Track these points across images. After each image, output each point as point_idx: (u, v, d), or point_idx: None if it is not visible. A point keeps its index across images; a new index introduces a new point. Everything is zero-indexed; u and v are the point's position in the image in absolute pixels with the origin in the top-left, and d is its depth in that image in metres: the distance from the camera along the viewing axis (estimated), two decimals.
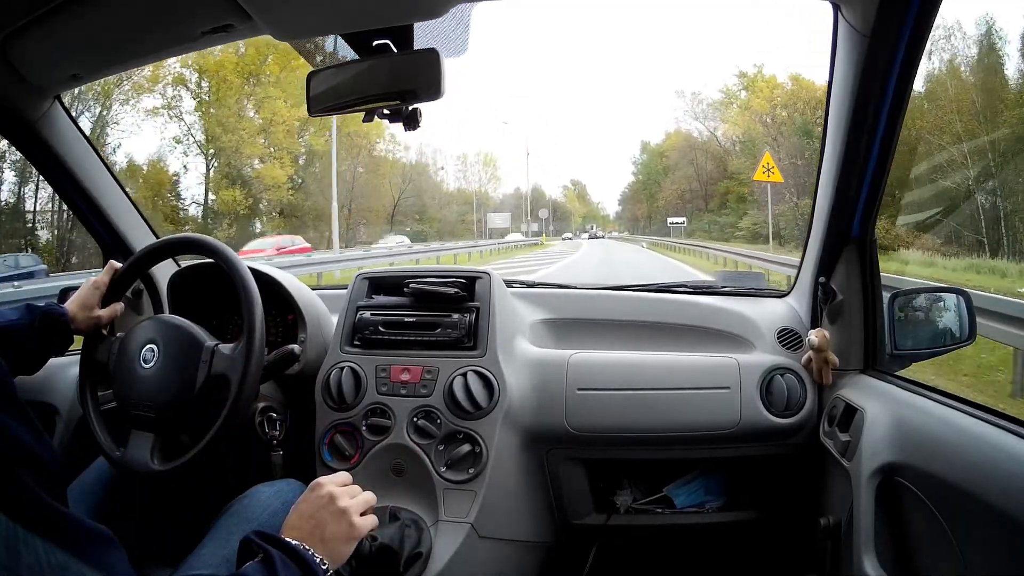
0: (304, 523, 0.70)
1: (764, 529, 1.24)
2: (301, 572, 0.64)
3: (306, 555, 0.65)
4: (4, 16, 0.86)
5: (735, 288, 1.44)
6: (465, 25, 0.92)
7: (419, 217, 32.08)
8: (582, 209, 48.47)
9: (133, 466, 0.90)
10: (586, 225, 46.37)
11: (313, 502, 0.72)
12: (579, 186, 51.11)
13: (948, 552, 0.69)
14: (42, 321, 0.93)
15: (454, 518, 1.02)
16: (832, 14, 0.87)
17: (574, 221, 46.95)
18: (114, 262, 1.05)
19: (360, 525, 0.72)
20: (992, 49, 13.58)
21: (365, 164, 28.44)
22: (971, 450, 0.70)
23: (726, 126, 27.63)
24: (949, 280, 7.59)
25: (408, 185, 31.40)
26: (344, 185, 25.37)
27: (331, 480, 0.75)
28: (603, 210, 49.50)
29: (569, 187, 50.96)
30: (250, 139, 22.57)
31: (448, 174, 36.81)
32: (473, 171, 38.20)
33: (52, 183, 1.22)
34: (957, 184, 11.67)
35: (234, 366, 0.89)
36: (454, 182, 38.10)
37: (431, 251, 17.25)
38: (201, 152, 21.92)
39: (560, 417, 1.12)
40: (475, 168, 38.46)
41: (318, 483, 0.74)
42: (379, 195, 28.87)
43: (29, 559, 0.23)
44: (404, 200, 30.74)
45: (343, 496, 0.72)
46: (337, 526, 0.70)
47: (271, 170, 22.54)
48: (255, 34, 0.89)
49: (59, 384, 1.21)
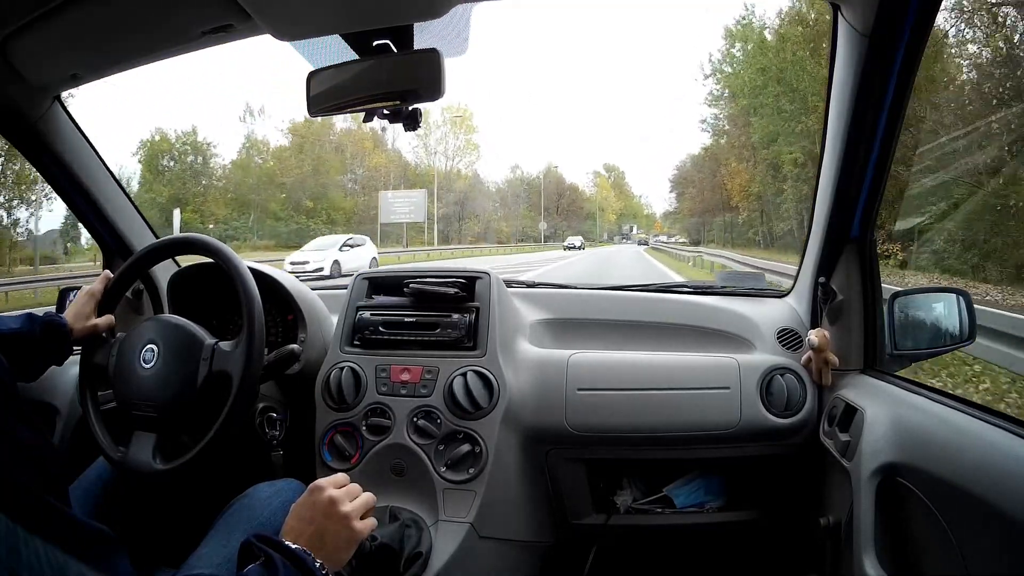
0: (304, 527, 0.70)
1: (764, 529, 1.24)
2: (301, 575, 0.64)
3: (307, 559, 0.65)
4: (4, 16, 0.86)
5: (735, 288, 1.44)
6: (465, 25, 0.92)
7: (312, 205, 23.87)
8: (618, 204, 34.43)
9: (136, 466, 0.90)
10: (623, 226, 33.53)
11: (313, 506, 0.71)
12: (615, 172, 35.84)
13: (948, 552, 0.69)
14: (43, 330, 0.93)
15: (454, 518, 1.02)
16: (832, 14, 0.87)
17: (604, 219, 32.95)
18: (108, 272, 1.05)
19: (361, 529, 0.72)
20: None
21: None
22: (971, 450, 0.70)
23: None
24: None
25: (302, 159, 23.59)
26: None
27: (330, 483, 0.74)
28: (648, 207, 35.15)
29: (602, 173, 35.21)
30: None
31: (400, 138, 26.00)
32: (437, 136, 26.74)
33: (52, 183, 1.22)
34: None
35: (235, 363, 0.89)
36: (412, 154, 26.93)
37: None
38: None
39: (560, 417, 1.12)
40: (441, 132, 26.71)
41: (317, 486, 0.73)
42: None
43: (29, 560, 0.23)
44: (292, 180, 22.80)
45: (344, 500, 0.72)
46: (337, 531, 0.70)
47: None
48: (255, 34, 0.89)
49: (59, 384, 1.21)
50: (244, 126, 27.29)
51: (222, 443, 0.88)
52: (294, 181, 24.92)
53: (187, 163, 24.18)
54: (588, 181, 34.94)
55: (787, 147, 16.92)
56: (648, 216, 34.58)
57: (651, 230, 30.45)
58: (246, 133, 26.14)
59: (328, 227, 23.58)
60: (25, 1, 0.83)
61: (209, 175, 24.73)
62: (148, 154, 23.60)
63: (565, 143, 61.22)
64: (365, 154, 26.16)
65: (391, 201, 23.12)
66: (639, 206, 35.66)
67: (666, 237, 26.79)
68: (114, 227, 1.30)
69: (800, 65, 16.40)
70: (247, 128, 25.25)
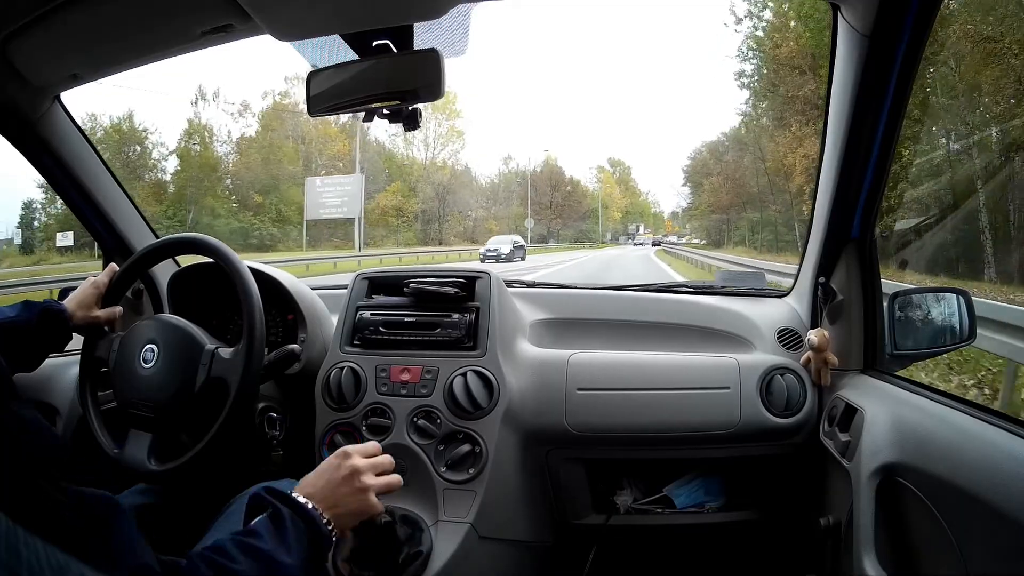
0: (320, 486, 0.70)
1: (764, 529, 1.24)
2: (308, 531, 0.64)
3: (314, 515, 0.66)
4: (4, 16, 0.86)
5: (735, 288, 1.44)
6: (465, 25, 0.92)
7: (261, 200, 19.99)
8: (623, 201, 30.75)
9: (130, 465, 0.90)
10: (628, 226, 30.39)
11: (336, 469, 0.72)
12: (621, 168, 31.93)
13: (948, 552, 0.69)
14: (40, 317, 0.93)
15: (454, 518, 1.02)
16: (832, 14, 0.87)
17: (608, 217, 29.00)
18: (114, 264, 1.05)
19: (376, 505, 0.73)
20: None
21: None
22: (971, 450, 0.70)
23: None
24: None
25: (249, 146, 19.23)
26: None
27: (359, 450, 0.75)
28: (655, 205, 31.78)
29: (606, 168, 31.42)
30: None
31: (376, 127, 20.17)
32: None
33: (52, 183, 1.22)
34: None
35: (233, 370, 0.89)
36: (389, 142, 22.57)
37: None
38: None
39: (560, 417, 1.12)
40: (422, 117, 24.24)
41: (346, 452, 0.74)
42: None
43: (30, 560, 0.23)
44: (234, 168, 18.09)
45: (367, 473, 0.73)
46: (351, 500, 0.71)
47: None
48: (255, 34, 0.89)
49: (59, 384, 1.21)
50: (196, 110, 22.33)
51: (218, 447, 0.89)
52: (238, 171, 21.31)
53: (121, 153, 20.84)
54: (590, 176, 31.39)
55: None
56: (656, 215, 31.85)
57: (660, 229, 27.24)
58: (189, 118, 21.98)
59: (278, 225, 20.50)
60: (25, 1, 0.83)
61: (151, 167, 21.58)
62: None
63: (566, 136, 56.98)
64: (327, 140, 22.19)
65: (319, 190, 18.44)
66: (646, 204, 32.71)
67: (676, 237, 23.52)
68: (114, 227, 1.30)
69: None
70: (197, 114, 21.44)
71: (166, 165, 21.59)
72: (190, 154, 21.06)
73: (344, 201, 18.95)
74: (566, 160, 44.99)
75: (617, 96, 57.13)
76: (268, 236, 20.02)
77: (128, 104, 23.04)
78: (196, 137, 21.28)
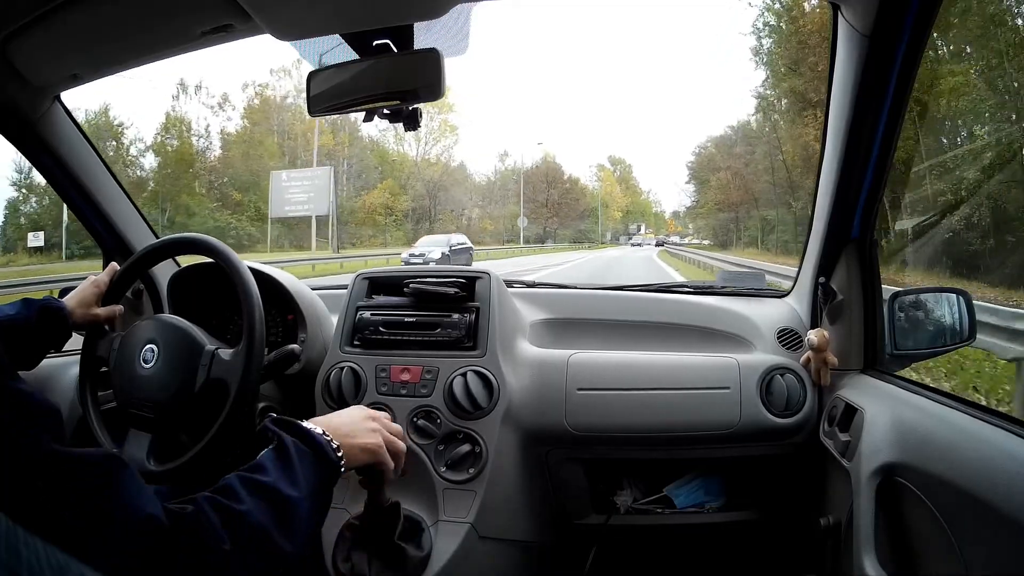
0: (336, 419, 0.73)
1: (764, 529, 1.24)
2: (314, 456, 0.64)
3: (321, 440, 0.65)
4: (4, 16, 0.86)
5: (735, 288, 1.44)
6: (465, 25, 0.92)
7: (240, 198, 18.65)
8: (624, 200, 29.70)
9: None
10: (629, 225, 29.23)
11: (356, 410, 0.76)
12: (621, 166, 30.86)
13: (948, 552, 0.69)
14: (39, 315, 0.93)
15: (454, 518, 1.02)
16: (832, 14, 0.87)
17: (608, 217, 27.94)
18: (115, 264, 1.05)
19: (384, 453, 0.73)
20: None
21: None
22: (971, 450, 0.70)
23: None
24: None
25: (228, 141, 17.94)
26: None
27: (382, 416, 0.78)
28: (657, 205, 30.61)
29: (606, 166, 30.41)
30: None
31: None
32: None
33: (52, 183, 1.22)
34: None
35: (233, 372, 0.89)
36: (380, 137, 21.60)
37: None
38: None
39: (560, 417, 1.12)
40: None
41: (369, 411, 0.77)
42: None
43: (30, 560, 0.23)
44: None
45: (384, 424, 0.76)
46: (368, 435, 0.72)
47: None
48: (255, 34, 0.89)
49: (59, 384, 1.21)
50: (176, 104, 21.02)
51: (218, 448, 0.88)
52: (216, 167, 20.18)
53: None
54: (590, 175, 30.50)
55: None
56: (657, 215, 30.78)
57: (662, 229, 26.38)
58: (167, 112, 20.89)
59: (256, 224, 19.29)
60: (25, 1, 0.83)
61: (128, 163, 20.11)
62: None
63: (565, 134, 55.97)
64: (312, 134, 20.93)
65: (285, 184, 17.03)
66: (647, 203, 31.60)
67: (678, 238, 22.62)
68: (114, 227, 1.30)
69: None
70: (176, 108, 20.21)
71: (143, 161, 20.51)
72: (166, 149, 20.07)
73: (311, 197, 17.71)
74: (565, 158, 43.61)
75: (618, 94, 57.78)
76: (246, 236, 18.58)
77: (107, 95, 20.90)
78: (173, 131, 20.20)
